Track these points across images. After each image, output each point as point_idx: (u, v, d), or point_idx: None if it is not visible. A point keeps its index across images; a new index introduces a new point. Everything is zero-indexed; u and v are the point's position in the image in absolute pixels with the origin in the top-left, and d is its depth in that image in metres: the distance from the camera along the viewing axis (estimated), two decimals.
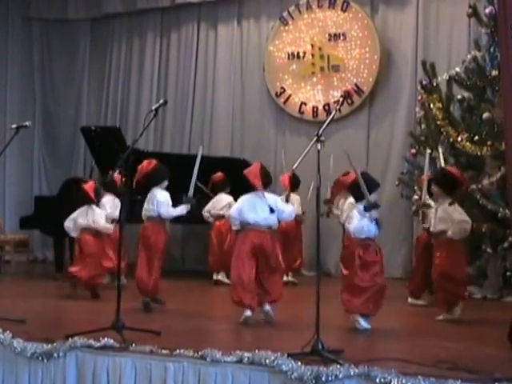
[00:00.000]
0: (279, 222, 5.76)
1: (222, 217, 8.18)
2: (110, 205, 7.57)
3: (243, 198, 5.69)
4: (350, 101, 9.39)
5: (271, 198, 5.64)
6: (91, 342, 4.35)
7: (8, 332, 4.59)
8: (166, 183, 6.25)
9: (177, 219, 7.40)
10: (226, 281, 7.81)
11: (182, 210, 6.13)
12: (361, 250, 5.22)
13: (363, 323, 5.26)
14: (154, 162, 6.19)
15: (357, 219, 5.21)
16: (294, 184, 8.07)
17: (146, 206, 6.19)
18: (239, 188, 8.98)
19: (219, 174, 8.51)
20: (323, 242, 4.93)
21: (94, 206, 7.11)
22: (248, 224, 5.55)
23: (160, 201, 6.09)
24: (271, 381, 3.94)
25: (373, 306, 5.25)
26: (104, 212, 7.25)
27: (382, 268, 5.29)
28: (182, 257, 10.45)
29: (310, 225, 8.38)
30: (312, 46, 9.87)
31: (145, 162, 6.19)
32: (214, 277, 8.24)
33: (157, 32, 11.04)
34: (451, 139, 7.52)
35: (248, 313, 5.44)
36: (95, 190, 7.19)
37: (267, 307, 5.53)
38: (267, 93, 10.22)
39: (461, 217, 5.75)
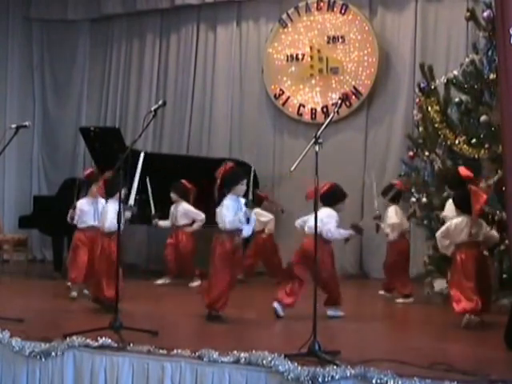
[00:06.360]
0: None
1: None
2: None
3: None
4: (348, 103, 9.41)
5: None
6: (89, 341, 4.38)
7: (6, 331, 4.62)
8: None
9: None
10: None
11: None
12: None
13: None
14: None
15: None
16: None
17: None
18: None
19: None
20: None
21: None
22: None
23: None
24: (268, 381, 3.96)
25: None
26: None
27: None
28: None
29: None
30: (311, 48, 9.90)
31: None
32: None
33: (156, 33, 11.06)
34: (449, 142, 7.54)
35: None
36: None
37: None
38: (266, 94, 10.23)
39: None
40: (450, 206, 6.45)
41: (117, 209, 5.35)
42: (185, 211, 8.33)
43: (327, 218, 6.01)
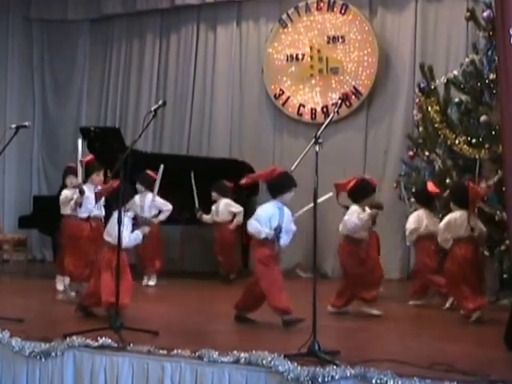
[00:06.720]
0: None
1: None
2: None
3: None
4: (348, 103, 9.41)
5: None
6: (89, 341, 4.39)
7: (6, 331, 4.62)
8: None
9: (175, 220, 7.35)
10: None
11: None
12: None
13: None
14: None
15: None
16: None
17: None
18: (237, 190, 9.09)
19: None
20: (320, 243, 4.95)
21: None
22: None
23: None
24: (268, 381, 3.97)
25: None
26: None
27: None
28: (181, 257, 10.45)
29: (307, 226, 8.41)
30: (311, 48, 9.89)
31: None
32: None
33: (156, 33, 11.06)
34: (449, 142, 7.55)
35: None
36: None
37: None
38: (266, 95, 10.23)
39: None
40: (412, 218, 7.06)
41: (129, 223, 5.41)
42: (152, 202, 8.29)
43: (348, 216, 6.12)
